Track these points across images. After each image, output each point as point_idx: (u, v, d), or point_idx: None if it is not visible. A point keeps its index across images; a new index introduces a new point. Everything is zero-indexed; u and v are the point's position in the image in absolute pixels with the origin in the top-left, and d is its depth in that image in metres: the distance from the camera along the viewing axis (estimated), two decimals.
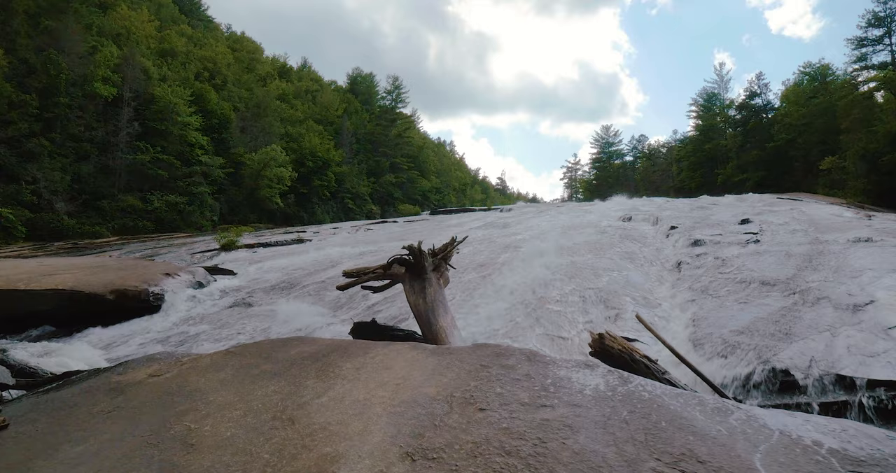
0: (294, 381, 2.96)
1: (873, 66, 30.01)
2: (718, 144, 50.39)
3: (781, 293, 5.57)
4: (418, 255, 5.03)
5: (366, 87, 73.29)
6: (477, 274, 8.49)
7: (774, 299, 5.41)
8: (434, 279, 5.04)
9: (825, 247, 7.28)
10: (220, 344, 5.66)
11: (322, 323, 6.47)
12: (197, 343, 5.76)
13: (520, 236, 12.94)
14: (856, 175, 26.51)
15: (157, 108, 33.86)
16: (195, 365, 3.44)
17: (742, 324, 4.84)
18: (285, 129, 49.05)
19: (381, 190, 62.03)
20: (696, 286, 6.82)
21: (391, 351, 3.32)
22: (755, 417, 2.32)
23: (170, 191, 32.60)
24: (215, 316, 7.32)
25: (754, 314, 5.08)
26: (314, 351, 3.49)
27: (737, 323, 4.91)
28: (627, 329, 5.58)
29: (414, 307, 4.78)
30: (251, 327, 6.38)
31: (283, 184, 41.27)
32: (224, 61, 47.93)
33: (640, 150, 78.63)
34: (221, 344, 5.64)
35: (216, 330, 6.48)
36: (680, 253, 9.19)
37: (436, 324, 4.37)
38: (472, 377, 2.75)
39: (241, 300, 8.28)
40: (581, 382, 2.64)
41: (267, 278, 9.84)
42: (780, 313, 4.90)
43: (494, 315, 6.24)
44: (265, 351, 3.58)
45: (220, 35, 60.84)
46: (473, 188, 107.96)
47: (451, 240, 5.56)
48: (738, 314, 5.22)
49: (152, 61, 37.31)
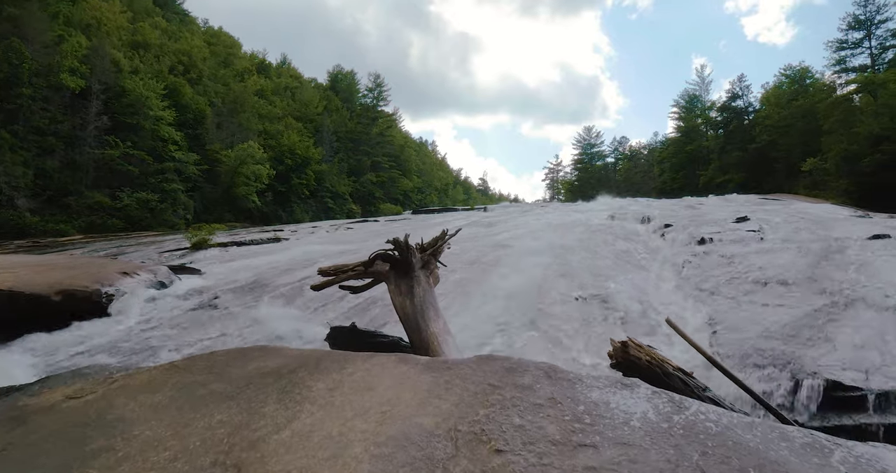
0: (249, 407, 2.29)
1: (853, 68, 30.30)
2: (700, 146, 50.69)
3: (806, 293, 5.07)
4: (405, 251, 4.39)
5: (347, 85, 72.15)
6: (467, 273, 7.87)
7: (800, 300, 4.90)
8: (423, 277, 4.39)
9: (841, 245, 6.84)
10: (175, 353, 4.93)
11: (295, 327, 5.78)
12: (150, 351, 5.02)
13: (508, 234, 12.38)
14: (837, 176, 26.63)
15: (127, 102, 32.49)
16: (127, 384, 2.74)
17: (770, 328, 4.31)
18: (263, 126, 47.83)
19: (362, 189, 61.04)
20: (705, 286, 6.30)
21: (374, 366, 2.67)
22: (864, 459, 1.74)
23: (141, 188, 31.23)
24: (176, 319, 6.56)
25: (781, 317, 4.55)
26: (278, 365, 2.83)
27: (763, 327, 4.38)
28: (637, 333, 5.02)
29: (400, 309, 4.13)
30: (214, 332, 5.65)
31: (260, 182, 40.12)
32: (200, 55, 46.49)
33: (622, 152, 79.02)
34: (177, 352, 4.92)
35: (175, 336, 5.73)
36: (679, 252, 8.71)
37: (426, 330, 3.73)
38: (481, 402, 2.12)
39: (207, 302, 7.51)
40: (624, 409, 2.03)
41: (237, 278, 9.07)
42: (812, 316, 4.39)
43: (488, 317, 5.62)
44: (218, 366, 2.89)
45: (197, 29, 59.17)
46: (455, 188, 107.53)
47: (442, 234, 4.92)
48: (762, 317, 4.69)
49: (123, 53, 35.88)
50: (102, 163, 30.31)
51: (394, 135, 73.11)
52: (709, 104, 54.96)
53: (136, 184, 31.41)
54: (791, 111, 37.01)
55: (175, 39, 46.78)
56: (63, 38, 30.37)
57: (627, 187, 64.48)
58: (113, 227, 28.60)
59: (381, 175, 64.85)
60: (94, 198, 28.73)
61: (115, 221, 29.09)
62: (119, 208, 29.69)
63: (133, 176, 31.31)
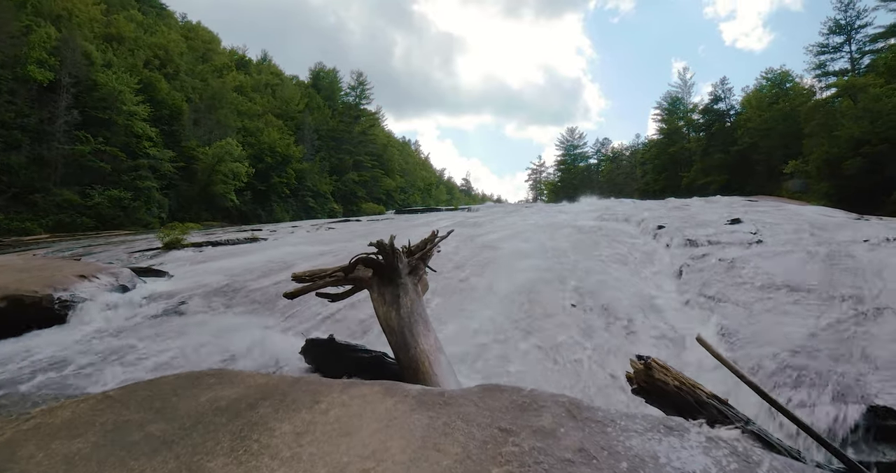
0: (191, 461, 1.77)
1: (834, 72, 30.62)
2: (683, 148, 51.01)
3: (822, 301, 4.70)
4: (390, 255, 3.89)
5: (329, 83, 71.15)
6: (454, 277, 7.39)
7: (819, 308, 4.53)
8: (410, 285, 3.90)
9: (847, 248, 6.53)
10: (128, 370, 4.34)
11: (268, 337, 5.22)
12: (95, 369, 4.42)
13: (495, 235, 11.93)
14: (819, 179, 26.82)
15: (99, 96, 31.29)
16: (44, 424, 2.19)
17: (792, 341, 3.91)
18: (242, 123, 46.75)
19: (344, 188, 60.15)
20: (709, 292, 5.92)
21: (354, 399, 2.17)
22: None
23: (113, 186, 30.06)
24: (134, 329, 5.95)
25: (802, 327, 4.17)
26: (237, 396, 2.31)
27: (784, 340, 3.98)
28: (645, 345, 4.60)
29: (384, 322, 3.63)
30: (176, 344, 5.07)
31: (239, 180, 39.13)
32: (177, 50, 45.21)
33: (604, 154, 79.38)
34: (129, 371, 4.33)
35: (128, 350, 5.13)
36: (676, 255, 8.35)
37: (414, 347, 3.23)
38: (491, 456, 1.64)
39: (172, 308, 6.90)
40: (679, 466, 1.57)
41: (208, 281, 8.44)
42: (838, 326, 4.01)
43: (479, 326, 5.15)
44: (161, 397, 2.36)
45: (175, 23, 57.69)
46: (438, 188, 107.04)
47: (432, 236, 4.44)
48: (779, 327, 4.30)
49: (96, 46, 34.60)
50: (72, 159, 29.09)
51: (376, 133, 72.29)
52: (691, 106, 55.44)
53: (108, 181, 30.24)
54: (772, 114, 37.35)
55: (151, 33, 45.42)
56: (31, 29, 29.13)
57: (610, 188, 64.73)
58: (83, 226, 27.45)
59: (363, 174, 64.01)
60: (62, 196, 27.54)
61: (86, 220, 27.94)
62: (90, 206, 28.52)
63: (105, 173, 30.15)
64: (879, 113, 24.92)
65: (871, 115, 25.16)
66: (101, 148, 30.18)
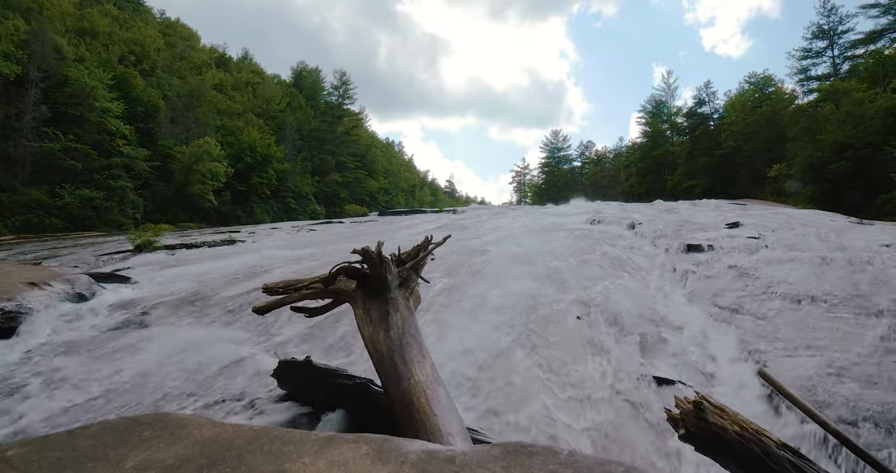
0: None
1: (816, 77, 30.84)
2: (667, 151, 51.20)
3: (857, 314, 4.27)
4: (377, 264, 3.32)
5: (311, 82, 70.06)
6: (444, 285, 6.84)
7: (854, 324, 4.09)
8: (401, 300, 3.34)
9: (865, 255, 6.14)
10: (61, 401, 3.70)
11: (236, 356, 4.61)
12: (27, 394, 3.77)
13: (485, 239, 11.43)
14: (803, 182, 26.91)
15: (70, 91, 30.03)
16: None
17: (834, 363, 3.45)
18: (221, 122, 45.55)
19: (327, 189, 59.12)
20: (722, 302, 5.47)
21: (334, 469, 1.61)
22: None
23: (84, 185, 28.80)
24: (88, 344, 5.28)
25: (841, 346, 3.71)
26: (173, 461, 1.73)
27: (824, 361, 3.51)
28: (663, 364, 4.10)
29: (371, 345, 3.06)
30: (131, 365, 4.42)
31: (217, 181, 38.00)
32: (153, 46, 43.88)
33: (588, 156, 79.60)
34: (63, 401, 3.68)
35: (81, 368, 4.48)
36: (677, 260, 7.92)
37: (407, 379, 2.67)
38: None
39: (133, 319, 6.24)
40: None
41: (176, 288, 7.77)
42: (884, 346, 3.55)
43: (477, 344, 4.60)
44: (75, 462, 1.76)
45: (152, 19, 56.20)
46: (422, 190, 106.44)
47: (425, 242, 3.88)
48: (814, 345, 3.83)
49: (68, 40, 33.30)
50: (41, 157, 27.85)
51: (360, 134, 71.37)
52: (674, 110, 55.73)
53: (79, 180, 29.02)
54: (755, 118, 37.59)
55: (127, 28, 44.04)
56: None
57: (594, 191, 64.80)
58: (52, 227, 26.25)
59: (346, 175, 63.04)
60: (30, 195, 26.32)
61: (55, 220, 26.73)
62: (59, 206, 27.30)
63: (76, 171, 28.93)
64: (862, 117, 25.10)
65: (854, 120, 25.32)
66: (72, 145, 28.95)
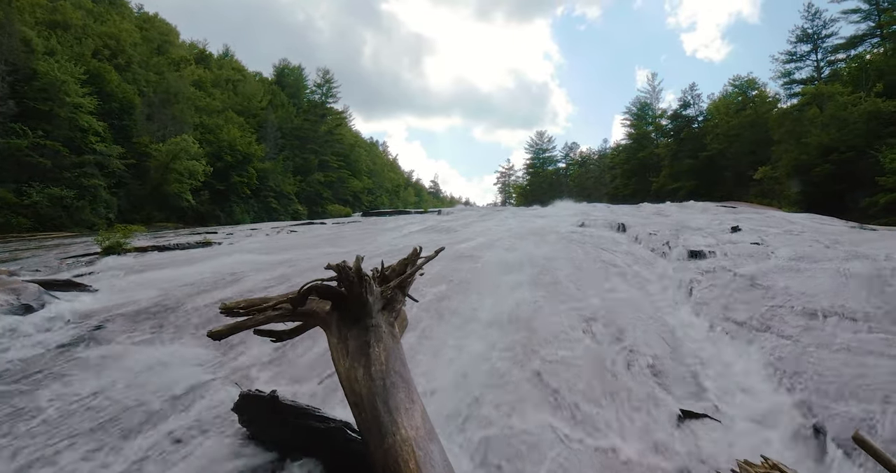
0: None
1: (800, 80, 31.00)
2: (652, 153, 51.34)
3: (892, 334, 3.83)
4: (356, 283, 2.75)
5: (294, 80, 68.92)
6: (433, 295, 6.30)
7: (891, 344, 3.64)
8: (385, 326, 2.77)
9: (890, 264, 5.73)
10: None
11: (194, 382, 4.01)
12: None
13: (473, 243, 10.90)
14: (789, 185, 26.96)
15: (40, 86, 28.79)
16: None
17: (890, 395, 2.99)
18: (200, 119, 44.34)
19: (309, 189, 58.10)
20: (737, 316, 5.02)
21: None
22: None
23: (54, 183, 27.57)
24: (25, 366, 4.61)
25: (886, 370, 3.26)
26: None
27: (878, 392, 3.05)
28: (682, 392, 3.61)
29: (347, 384, 2.49)
30: (62, 398, 3.79)
31: (195, 179, 36.91)
32: (129, 40, 42.50)
33: (572, 158, 79.70)
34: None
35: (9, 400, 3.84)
36: (679, 268, 7.49)
37: (393, 433, 2.10)
38: None
39: (85, 334, 5.56)
40: None
41: (138, 297, 7.09)
42: None
43: (471, 368, 4.07)
44: None
45: (129, 13, 54.63)
46: (407, 190, 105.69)
47: (413, 255, 3.30)
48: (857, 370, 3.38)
49: (38, 32, 32.01)
50: (7, 153, 26.56)
51: (343, 133, 70.42)
52: (659, 112, 55.97)
53: (49, 178, 27.76)
54: (739, 121, 37.76)
55: (102, 22, 42.64)
56: None
57: (580, 192, 64.83)
58: (18, 227, 25.08)
59: (329, 174, 62.07)
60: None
61: (22, 220, 25.55)
62: (26, 205, 26.08)
63: (45, 169, 27.68)
64: (846, 121, 25.19)
65: (839, 123, 25.41)
66: (41, 142, 27.72)
